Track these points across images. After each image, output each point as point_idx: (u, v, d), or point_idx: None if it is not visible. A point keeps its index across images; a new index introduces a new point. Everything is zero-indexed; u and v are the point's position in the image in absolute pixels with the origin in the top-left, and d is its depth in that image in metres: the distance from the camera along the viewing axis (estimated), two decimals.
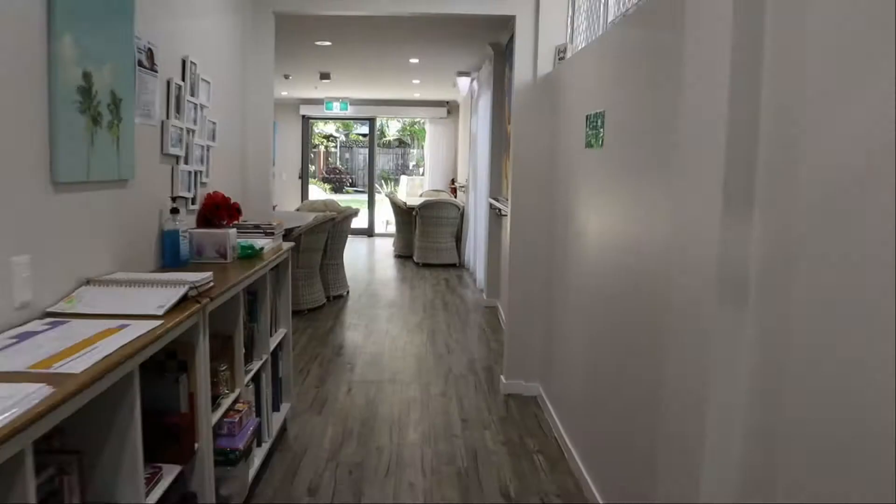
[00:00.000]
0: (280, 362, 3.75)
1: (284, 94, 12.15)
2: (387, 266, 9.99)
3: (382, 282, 8.70)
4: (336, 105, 12.76)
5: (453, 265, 9.88)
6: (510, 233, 4.61)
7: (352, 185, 27.36)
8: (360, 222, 14.78)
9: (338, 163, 30.28)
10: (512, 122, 4.86)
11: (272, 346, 3.46)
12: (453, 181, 13.38)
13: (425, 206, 9.73)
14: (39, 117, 1.96)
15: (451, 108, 13.40)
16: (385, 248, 12.01)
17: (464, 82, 9.12)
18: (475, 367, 5.10)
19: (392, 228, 11.18)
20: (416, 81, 10.23)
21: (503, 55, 6.81)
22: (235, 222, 3.52)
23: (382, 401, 4.38)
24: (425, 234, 9.82)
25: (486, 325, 6.48)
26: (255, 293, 3.25)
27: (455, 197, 12.54)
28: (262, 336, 3.29)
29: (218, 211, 3.40)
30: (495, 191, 6.96)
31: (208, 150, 3.51)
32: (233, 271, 2.84)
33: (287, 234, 5.18)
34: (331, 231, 7.24)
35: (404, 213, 10.56)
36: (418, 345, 5.71)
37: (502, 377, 4.65)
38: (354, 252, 11.30)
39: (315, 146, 29.04)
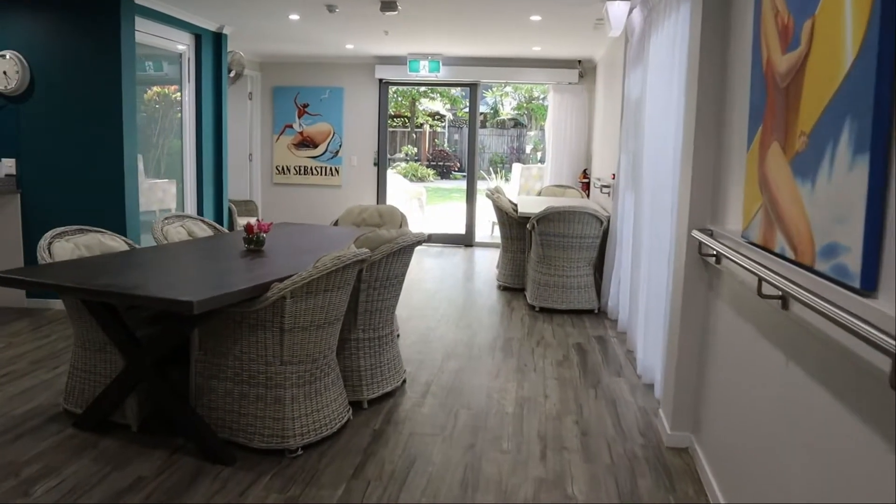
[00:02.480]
0: None
1: (350, 47, 8.72)
2: (484, 307, 6.41)
3: (470, 351, 5.13)
4: (424, 65, 9.24)
5: (589, 311, 6.20)
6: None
7: (460, 169, 24.10)
8: (454, 226, 11.32)
9: (445, 144, 27.08)
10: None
11: None
12: (585, 173, 9.61)
13: (548, 218, 6.09)
14: None
15: (584, 69, 9.61)
16: (487, 268, 8.41)
17: (620, 11, 5.38)
18: None
19: (498, 233, 7.58)
20: (535, 18, 6.54)
21: None
22: None
23: None
24: (547, 260, 6.18)
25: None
26: None
27: (587, 196, 8.78)
28: None
29: None
30: (702, 213, 3.26)
31: None
32: None
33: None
34: (368, 279, 3.75)
35: (514, 225, 6.95)
36: None
37: None
38: (438, 275, 7.78)
39: (419, 125, 26.02)
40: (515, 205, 7.21)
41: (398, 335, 5.32)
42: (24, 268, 5.06)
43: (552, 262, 6.16)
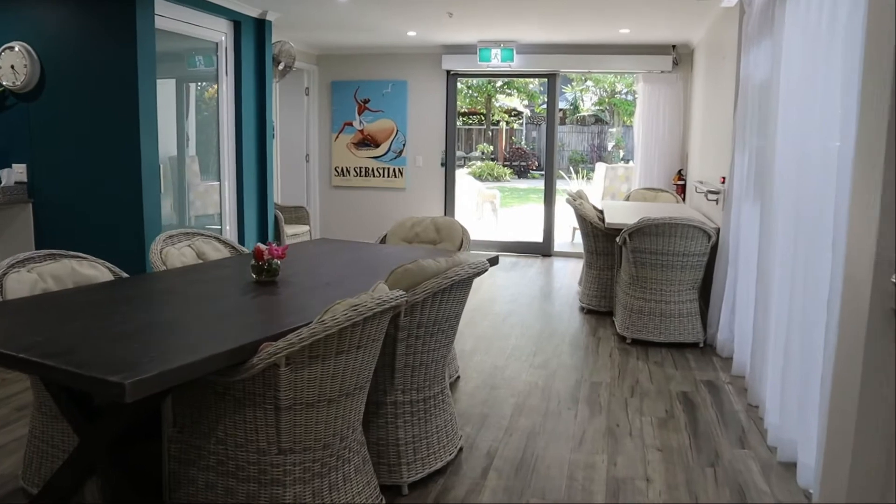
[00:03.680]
0: None
1: (412, 34, 7.77)
2: (565, 338, 5.35)
3: (546, 404, 4.09)
4: (496, 54, 8.21)
5: (693, 345, 5.07)
6: None
7: (538, 168, 23.03)
8: (530, 232, 10.24)
9: (522, 142, 25.99)
10: None
11: None
12: (680, 175, 8.40)
13: (643, 231, 4.99)
14: None
15: (679, 55, 8.40)
16: (568, 285, 7.33)
17: None
18: None
19: (580, 240, 6.51)
20: None
21: None
22: None
23: None
24: (641, 282, 5.08)
25: None
26: None
27: (682, 200, 7.59)
28: None
29: None
30: None
31: None
32: None
33: None
34: (408, 326, 2.78)
35: (600, 237, 5.86)
36: None
37: None
38: (511, 293, 6.75)
39: (496, 123, 24.98)
40: (601, 213, 6.12)
41: (457, 376, 4.33)
42: None
43: (648, 285, 5.05)
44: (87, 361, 2.03)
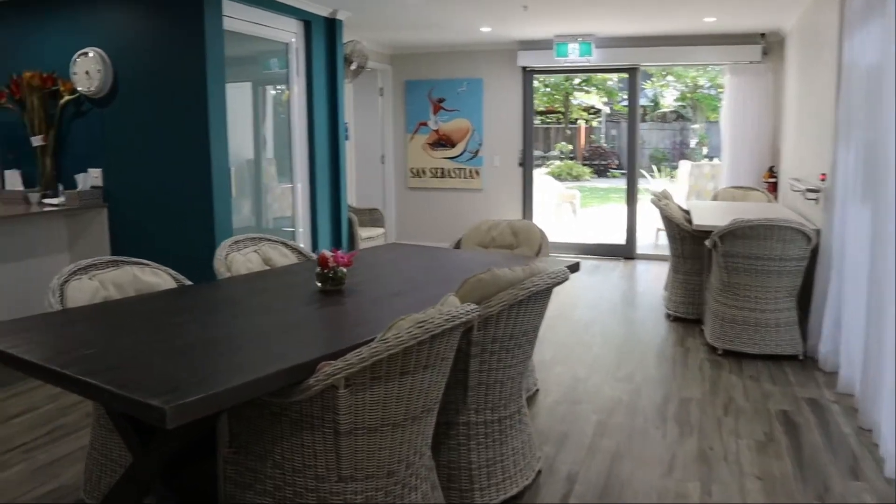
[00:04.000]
0: None
1: (486, 30, 7.53)
2: (650, 347, 5.03)
3: (632, 421, 3.80)
4: (573, 48, 7.89)
5: (792, 358, 4.66)
6: None
7: (618, 167, 22.43)
8: (612, 234, 9.85)
9: (602, 140, 25.40)
10: None
11: None
12: (772, 172, 7.89)
13: (736, 234, 4.62)
14: None
15: (768, 43, 7.90)
16: (653, 290, 6.96)
17: None
18: None
19: (665, 242, 6.14)
20: None
21: None
22: None
23: None
24: (734, 289, 4.71)
25: None
26: None
27: (774, 199, 7.12)
28: None
29: None
30: None
31: None
32: None
33: None
34: (482, 341, 2.55)
35: (688, 240, 5.50)
36: None
37: None
38: (593, 298, 6.43)
39: (574, 121, 24.48)
40: (688, 213, 5.75)
41: (535, 390, 4.08)
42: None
43: (741, 292, 4.68)
44: (131, 381, 1.88)
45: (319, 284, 2.99)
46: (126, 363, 2.07)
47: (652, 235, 9.35)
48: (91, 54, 4.97)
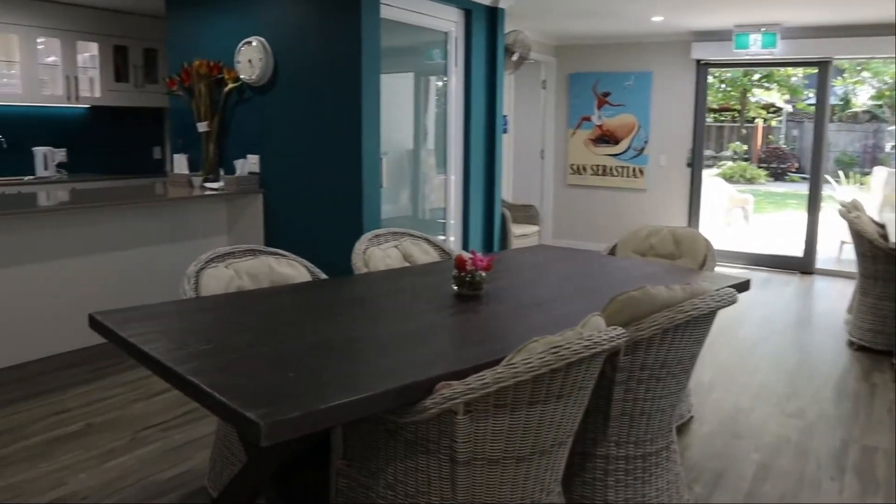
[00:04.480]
0: None
1: (658, 20, 7.03)
2: (827, 380, 4.44)
3: (802, 465, 3.31)
4: (755, 39, 7.21)
5: None
6: None
7: (798, 171, 20.78)
8: (788, 244, 8.99)
9: (781, 141, 23.66)
10: None
11: None
12: None
13: None
14: None
15: None
16: (833, 311, 6.21)
17: None
18: None
19: (850, 257, 5.44)
20: None
21: None
22: None
23: None
24: None
25: None
26: None
27: None
28: None
29: None
30: None
31: None
32: None
33: None
34: (629, 367, 2.23)
35: (881, 259, 4.82)
36: None
37: None
38: (761, 316, 5.83)
39: (750, 120, 22.94)
40: (883, 228, 5.05)
41: (690, 417, 3.67)
42: (128, 309, 2.50)
43: None
44: (235, 386, 1.75)
45: (456, 287, 2.78)
46: (235, 364, 1.95)
47: (835, 249, 8.44)
48: (254, 43, 5.05)
